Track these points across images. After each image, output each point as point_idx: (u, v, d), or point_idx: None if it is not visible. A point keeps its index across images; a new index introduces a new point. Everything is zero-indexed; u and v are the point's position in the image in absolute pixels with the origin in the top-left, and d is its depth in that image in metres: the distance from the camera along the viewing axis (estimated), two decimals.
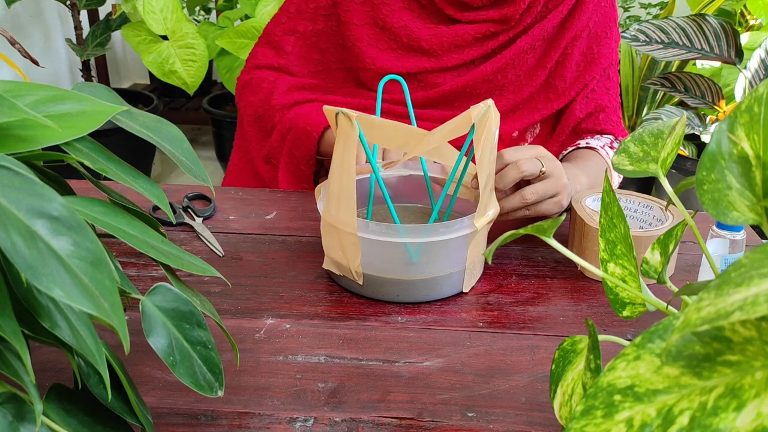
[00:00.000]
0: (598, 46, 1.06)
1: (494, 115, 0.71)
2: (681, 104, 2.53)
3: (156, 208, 0.93)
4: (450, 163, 0.81)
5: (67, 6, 2.61)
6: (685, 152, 2.33)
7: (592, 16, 1.04)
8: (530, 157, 0.80)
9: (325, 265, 0.77)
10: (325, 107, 0.71)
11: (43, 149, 0.42)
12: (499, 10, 0.99)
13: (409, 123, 0.81)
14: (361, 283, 0.74)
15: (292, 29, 1.07)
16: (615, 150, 1.02)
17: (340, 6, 1.03)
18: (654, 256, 0.55)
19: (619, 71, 1.10)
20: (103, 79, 3.11)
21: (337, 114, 0.70)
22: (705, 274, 0.76)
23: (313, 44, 1.07)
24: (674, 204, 0.49)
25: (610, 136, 1.09)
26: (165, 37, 2.43)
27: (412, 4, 1.01)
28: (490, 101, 0.71)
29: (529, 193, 0.79)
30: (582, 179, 0.93)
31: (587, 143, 1.06)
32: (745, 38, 2.17)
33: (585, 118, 1.08)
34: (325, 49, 1.07)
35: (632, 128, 2.67)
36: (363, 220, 0.71)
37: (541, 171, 0.79)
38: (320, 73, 1.08)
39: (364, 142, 0.72)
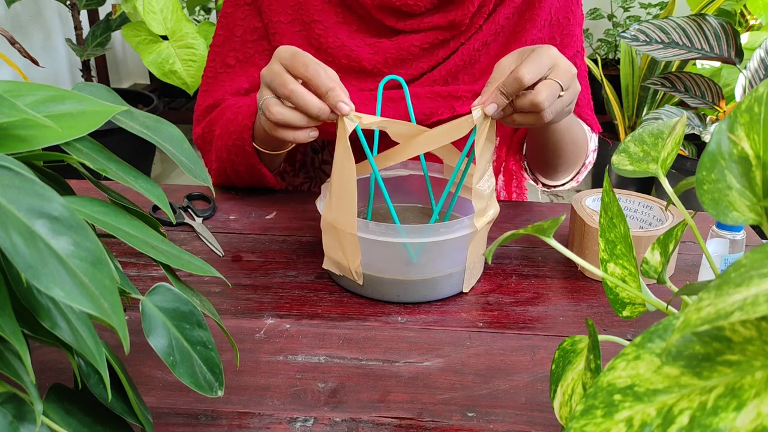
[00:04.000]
0: (561, 35, 0.95)
1: (491, 120, 0.71)
2: (681, 104, 2.53)
3: (156, 208, 0.93)
4: (452, 161, 0.81)
5: (67, 6, 2.61)
6: (685, 152, 2.33)
7: (555, 2, 0.93)
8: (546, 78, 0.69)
9: (325, 265, 0.77)
10: None
11: (43, 149, 0.42)
12: (445, 14, 0.88)
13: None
14: (361, 283, 0.74)
15: (223, 64, 0.97)
16: (590, 136, 0.98)
17: (269, 28, 0.93)
18: (654, 256, 0.55)
19: (584, 57, 1.03)
20: (103, 79, 3.11)
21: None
22: (705, 274, 0.76)
23: (246, 72, 0.96)
24: (674, 204, 0.49)
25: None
26: (165, 37, 2.43)
27: (348, 17, 0.90)
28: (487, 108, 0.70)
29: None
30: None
31: None
32: (745, 38, 2.17)
33: None
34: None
35: (632, 128, 2.67)
36: (363, 220, 0.71)
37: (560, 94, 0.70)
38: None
39: (365, 143, 0.72)
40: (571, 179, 1.03)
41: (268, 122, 0.72)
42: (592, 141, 1.01)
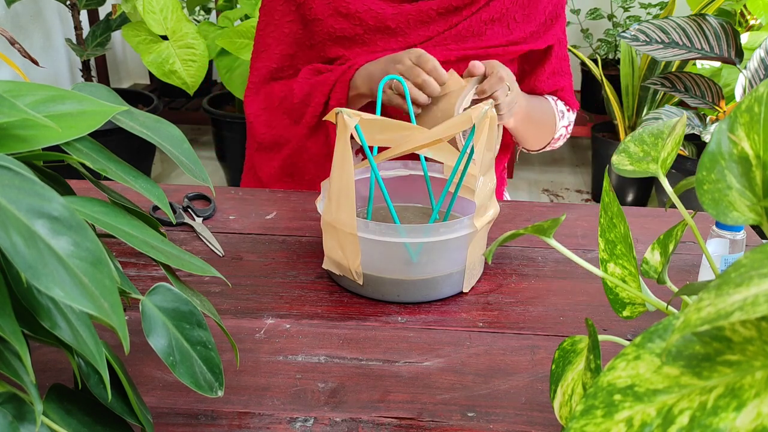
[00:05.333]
0: (554, 20, 1.10)
1: (494, 117, 0.72)
2: (681, 104, 2.53)
3: (156, 208, 0.93)
4: (450, 161, 0.81)
5: (67, 6, 2.61)
6: (685, 152, 2.33)
7: None
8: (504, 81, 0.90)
9: (325, 265, 0.77)
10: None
11: (43, 149, 0.42)
12: None
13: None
14: (361, 283, 0.74)
15: (264, 44, 1.11)
16: (561, 113, 1.15)
17: (303, 7, 1.06)
18: (654, 256, 0.55)
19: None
20: (103, 79, 3.11)
21: (337, 113, 0.70)
22: (705, 274, 0.76)
23: (281, 50, 1.11)
24: (674, 204, 0.49)
25: (565, 105, 1.18)
26: (165, 37, 2.43)
27: None
28: (490, 102, 0.72)
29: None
30: (520, 100, 1.00)
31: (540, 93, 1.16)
32: (745, 38, 2.17)
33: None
34: (293, 54, 1.10)
35: (632, 128, 2.67)
36: (363, 220, 0.71)
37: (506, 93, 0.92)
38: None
39: (364, 142, 0.72)
40: (545, 147, 1.21)
41: (392, 96, 0.91)
42: (565, 119, 1.18)
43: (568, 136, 1.21)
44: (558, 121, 1.16)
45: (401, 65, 0.91)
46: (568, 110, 1.18)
